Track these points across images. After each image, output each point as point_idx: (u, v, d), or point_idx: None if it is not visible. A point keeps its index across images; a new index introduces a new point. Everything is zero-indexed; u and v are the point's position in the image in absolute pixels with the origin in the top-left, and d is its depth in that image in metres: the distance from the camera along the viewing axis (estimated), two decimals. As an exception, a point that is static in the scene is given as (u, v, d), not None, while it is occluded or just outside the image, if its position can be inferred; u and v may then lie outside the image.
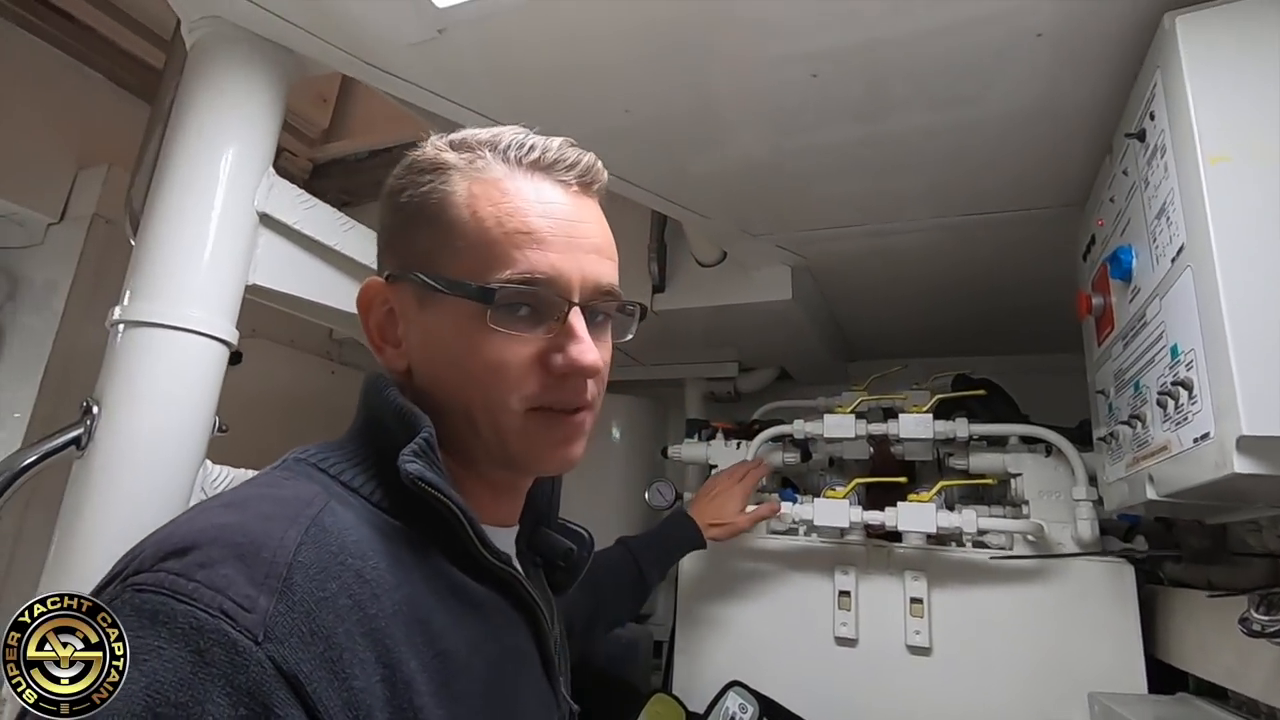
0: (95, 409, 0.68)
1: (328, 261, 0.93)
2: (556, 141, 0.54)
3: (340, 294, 0.95)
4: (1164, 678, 1.02)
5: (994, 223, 1.15)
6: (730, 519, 1.18)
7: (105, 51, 1.45)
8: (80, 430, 0.68)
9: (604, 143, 0.90)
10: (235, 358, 1.60)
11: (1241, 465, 0.54)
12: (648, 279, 1.45)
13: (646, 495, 1.64)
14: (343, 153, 1.81)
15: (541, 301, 0.51)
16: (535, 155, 0.53)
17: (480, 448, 0.53)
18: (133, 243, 0.79)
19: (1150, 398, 0.72)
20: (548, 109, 0.95)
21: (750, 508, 1.22)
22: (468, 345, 0.51)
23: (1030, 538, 1.13)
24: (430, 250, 0.52)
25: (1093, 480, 1.10)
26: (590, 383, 0.54)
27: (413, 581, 0.47)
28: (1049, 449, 1.19)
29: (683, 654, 1.30)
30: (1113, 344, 0.85)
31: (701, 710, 1.17)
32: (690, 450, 1.45)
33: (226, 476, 0.78)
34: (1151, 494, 0.73)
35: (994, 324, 1.62)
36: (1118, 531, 1.18)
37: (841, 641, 1.20)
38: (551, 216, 0.52)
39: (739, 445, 1.40)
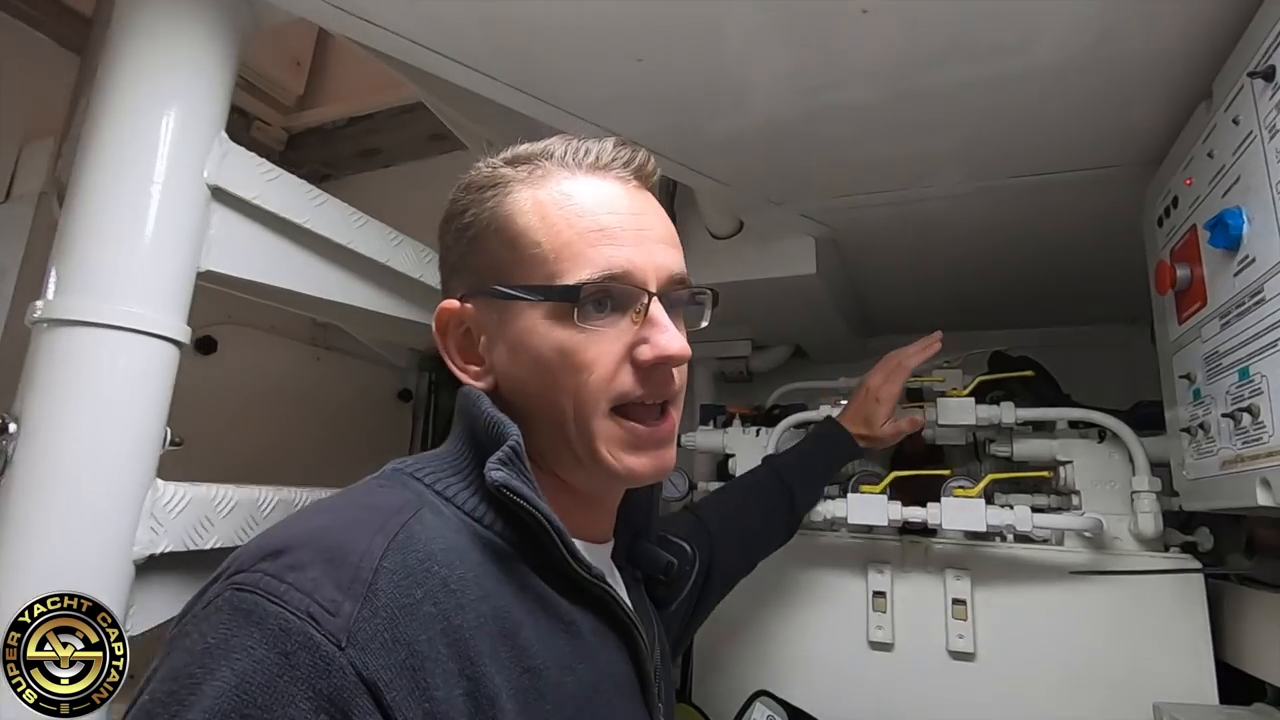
0: (13, 426, 0.57)
1: (298, 242, 0.81)
2: (609, 142, 0.56)
3: (314, 278, 0.83)
4: (1237, 687, 0.93)
5: (1040, 186, 1.03)
6: (874, 430, 1.06)
7: (49, 10, 1.30)
8: (-2, 451, 0.57)
9: (613, 103, 0.78)
10: (208, 346, 1.49)
11: None
12: (656, 254, 1.33)
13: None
14: (320, 120, 1.67)
15: (622, 296, 0.52)
16: (592, 157, 0.55)
17: (571, 458, 0.53)
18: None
19: (1269, 388, 0.61)
20: (551, 63, 0.82)
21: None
22: (556, 350, 0.51)
23: (1088, 534, 1.03)
24: (504, 262, 0.53)
25: (1153, 469, 1.00)
26: (675, 373, 0.54)
27: (502, 594, 0.47)
28: (1102, 434, 1.09)
29: (703, 661, 1.21)
30: (1204, 323, 0.74)
31: (726, 722, 1.08)
32: (706, 438, 1.34)
33: (184, 497, 0.66)
34: (1266, 500, 0.62)
35: (1030, 294, 1.50)
36: (1175, 521, 1.08)
37: (877, 646, 1.10)
38: (618, 212, 0.53)
39: (758, 432, 1.29)
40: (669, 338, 0.52)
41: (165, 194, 0.66)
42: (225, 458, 1.44)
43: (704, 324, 0.60)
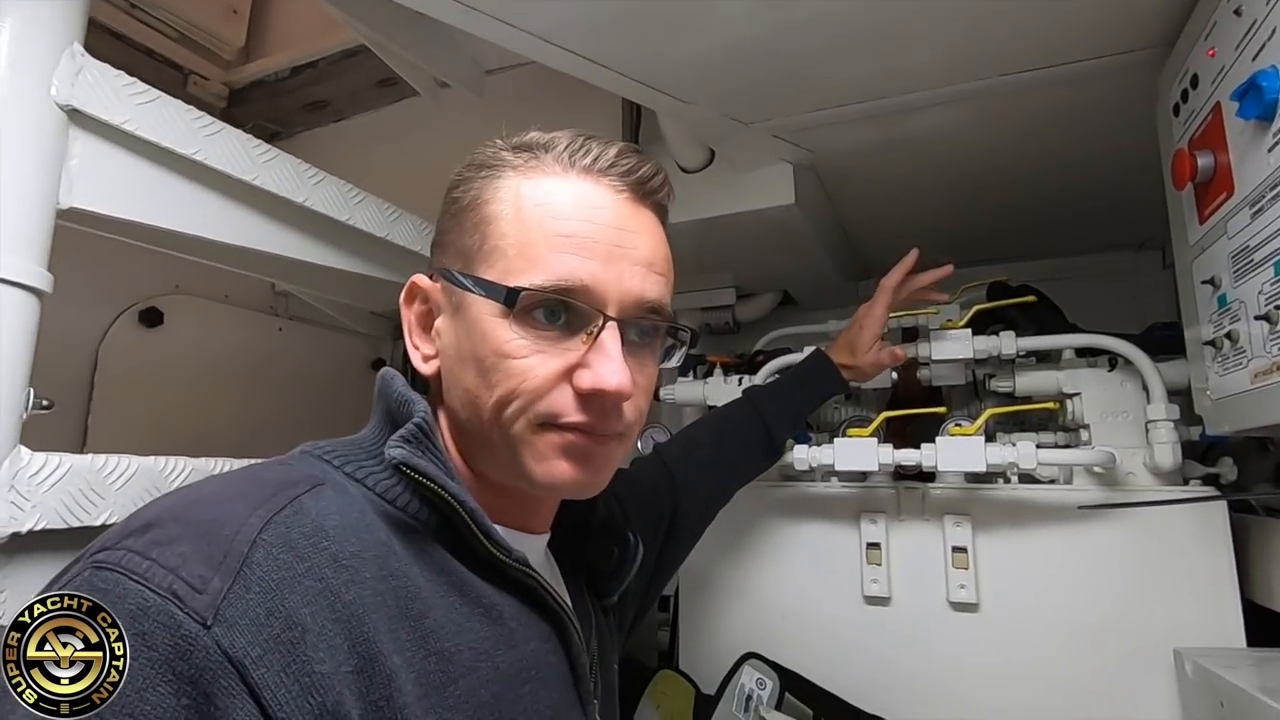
0: None
1: (187, 176, 0.71)
2: (616, 147, 0.52)
3: (209, 218, 0.74)
4: (1265, 627, 0.85)
5: (1034, 85, 0.91)
6: (857, 357, 0.98)
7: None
8: None
9: (566, 25, 0.69)
10: (153, 318, 1.40)
11: None
12: (622, 193, 1.22)
13: (639, 444, 1.46)
14: (261, 73, 1.55)
15: (575, 312, 0.49)
16: (590, 159, 0.51)
17: (497, 462, 0.51)
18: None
19: (1313, 279, 0.51)
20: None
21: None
22: (493, 350, 0.48)
23: (1098, 469, 0.94)
24: (471, 247, 0.51)
25: (1171, 397, 0.91)
26: (626, 407, 0.50)
27: (409, 574, 0.44)
28: (1113, 362, 0.99)
29: (689, 625, 1.14)
30: (1230, 215, 0.64)
31: (714, 688, 1.01)
32: (685, 390, 1.25)
33: (58, 468, 0.58)
34: (1310, 412, 0.53)
35: (1030, 221, 1.39)
36: (1194, 453, 0.99)
37: (872, 601, 1.03)
38: (596, 222, 0.50)
39: (740, 380, 1.20)
40: (610, 369, 0.47)
41: (3, 115, 0.56)
42: (179, 435, 1.37)
43: (674, 363, 0.57)
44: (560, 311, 0.48)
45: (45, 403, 0.59)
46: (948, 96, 0.96)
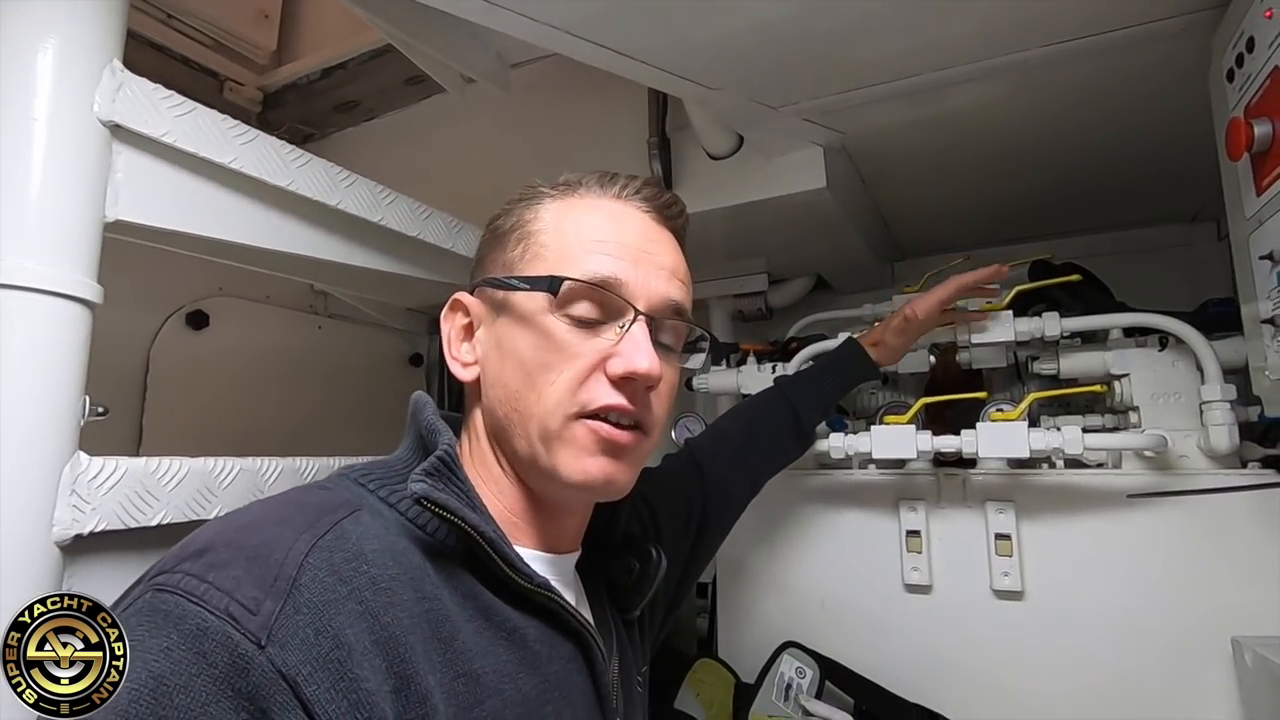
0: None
1: (225, 184, 0.73)
2: (641, 179, 0.59)
3: (250, 226, 0.76)
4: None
5: (1076, 55, 0.87)
6: (885, 335, 0.98)
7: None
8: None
9: (597, 18, 0.68)
10: (199, 321, 1.45)
11: None
12: (650, 182, 1.21)
13: (674, 433, 1.46)
14: (294, 76, 1.58)
15: (611, 305, 0.53)
16: (618, 187, 0.58)
17: (530, 459, 0.53)
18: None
19: (1383, 253, 0.48)
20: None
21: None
22: (533, 344, 0.52)
23: (1149, 453, 0.91)
24: (513, 259, 0.56)
25: (1226, 376, 0.87)
26: (652, 399, 0.54)
27: (440, 599, 0.47)
28: (1164, 341, 0.95)
29: (727, 613, 1.14)
30: (1291, 186, 0.61)
31: (753, 676, 1.01)
32: (719, 379, 1.25)
33: (115, 471, 0.60)
34: (1378, 393, 0.50)
35: (1075, 196, 1.34)
36: (1251, 434, 0.95)
37: (913, 589, 1.01)
38: (626, 231, 0.56)
39: (774, 368, 1.19)
40: (641, 355, 0.51)
41: (52, 135, 0.58)
42: (226, 433, 1.41)
43: (695, 367, 0.62)
44: (594, 308, 0.53)
45: (100, 409, 0.61)
46: (984, 71, 0.92)
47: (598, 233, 0.55)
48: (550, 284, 0.51)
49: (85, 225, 0.61)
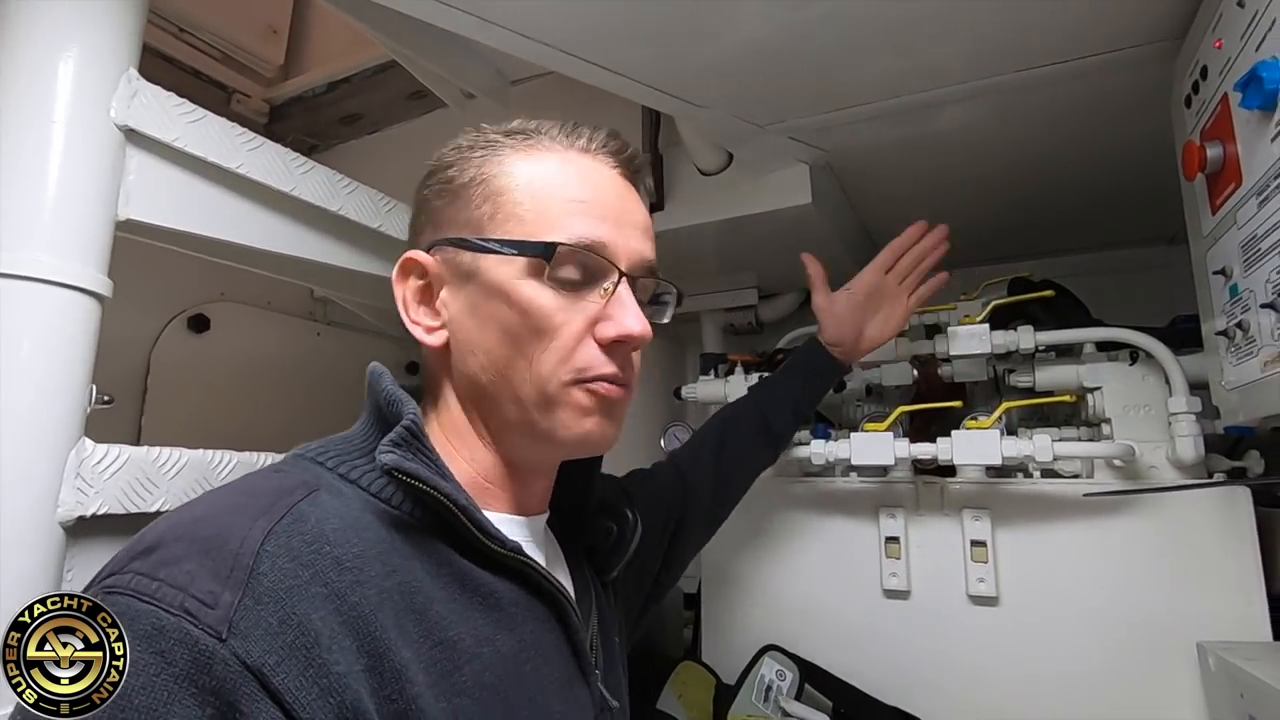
0: (-88, 385, 0.53)
1: (231, 188, 0.76)
2: (604, 131, 0.57)
3: (254, 229, 0.79)
4: (1292, 621, 0.84)
5: (1052, 79, 0.92)
6: (830, 308, 1.02)
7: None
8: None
9: (589, 35, 0.72)
10: (201, 324, 1.48)
11: None
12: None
13: (662, 442, 1.49)
14: (300, 89, 1.63)
15: (595, 268, 0.53)
16: (583, 140, 0.56)
17: (515, 424, 0.53)
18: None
19: (1314, 266, 0.52)
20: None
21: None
22: (522, 310, 0.51)
23: (1118, 463, 0.94)
24: (482, 217, 0.53)
25: (1194, 390, 0.90)
26: (633, 358, 0.55)
27: (411, 570, 0.46)
28: (1134, 355, 0.98)
29: (710, 617, 1.16)
30: (1240, 205, 0.64)
31: (734, 679, 1.03)
32: (706, 388, 1.28)
33: (118, 458, 0.63)
34: (1313, 399, 0.53)
35: (1056, 218, 1.39)
36: (1221, 447, 0.98)
37: (891, 594, 1.04)
38: (602, 191, 0.55)
39: (761, 379, 1.22)
40: (632, 317, 0.52)
41: (70, 138, 0.62)
42: (224, 434, 1.43)
43: (665, 320, 0.61)
44: (577, 270, 0.52)
45: (106, 398, 0.64)
46: (964, 93, 0.96)
47: (576, 192, 0.53)
48: (544, 250, 0.50)
49: (98, 223, 0.64)
